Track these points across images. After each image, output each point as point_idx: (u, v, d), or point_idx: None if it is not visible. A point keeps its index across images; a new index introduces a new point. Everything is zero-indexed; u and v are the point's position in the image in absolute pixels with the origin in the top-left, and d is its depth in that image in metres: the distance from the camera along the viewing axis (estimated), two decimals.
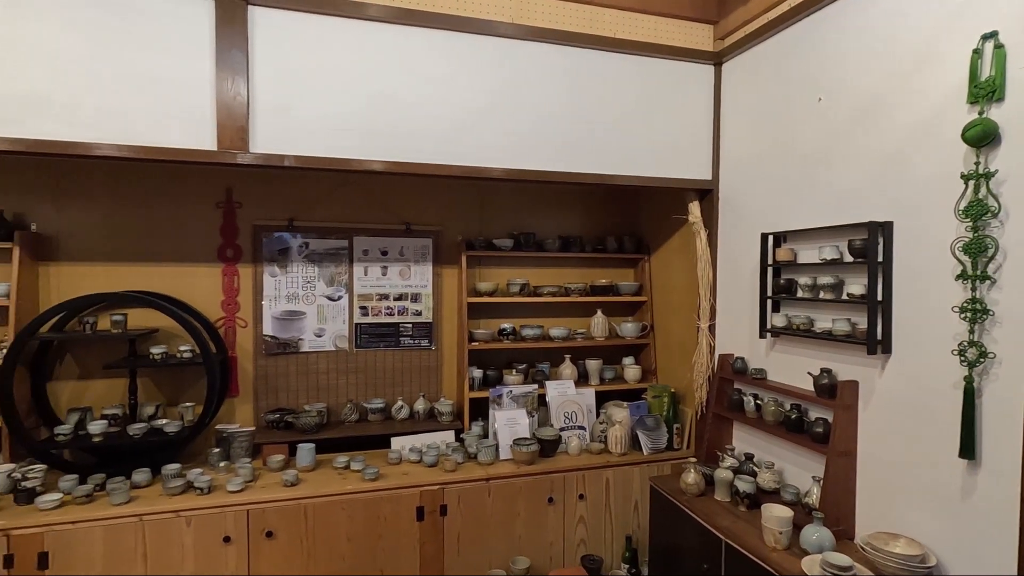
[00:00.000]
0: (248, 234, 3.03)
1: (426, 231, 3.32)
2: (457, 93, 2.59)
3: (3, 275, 2.62)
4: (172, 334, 2.89)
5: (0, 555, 2.16)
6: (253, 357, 3.05)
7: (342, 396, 3.18)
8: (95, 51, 2.17)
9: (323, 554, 2.50)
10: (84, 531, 2.24)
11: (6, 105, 2.09)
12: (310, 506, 2.49)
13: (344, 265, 3.18)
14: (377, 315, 3.23)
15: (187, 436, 2.70)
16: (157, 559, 2.31)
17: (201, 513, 2.37)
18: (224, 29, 2.25)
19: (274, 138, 2.35)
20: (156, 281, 2.89)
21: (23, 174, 2.73)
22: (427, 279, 3.32)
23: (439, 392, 3.35)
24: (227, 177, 2.99)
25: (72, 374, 2.83)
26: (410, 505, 2.62)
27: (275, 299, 3.06)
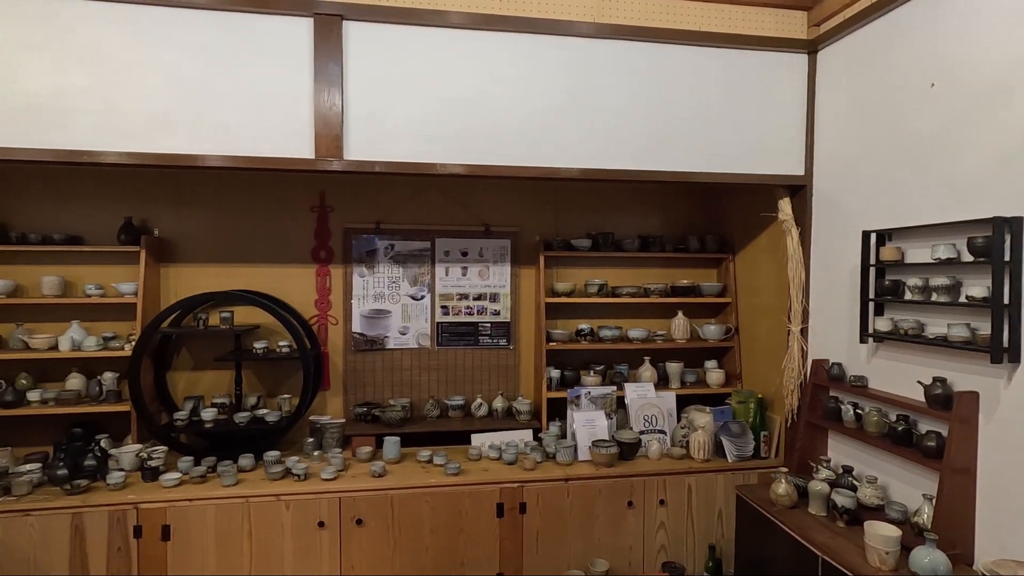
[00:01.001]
0: (339, 237, 3.21)
1: (504, 232, 3.37)
2: (535, 94, 2.62)
3: (131, 276, 2.93)
4: (272, 330, 3.11)
5: (131, 526, 2.42)
6: (343, 353, 3.22)
7: (424, 392, 3.30)
8: (210, 71, 2.38)
9: (408, 543, 2.60)
10: (199, 508, 2.47)
11: (136, 122, 2.34)
12: (396, 497, 2.60)
13: (426, 266, 3.29)
14: (457, 314, 3.32)
15: (285, 426, 2.90)
16: (261, 537, 2.50)
17: (298, 498, 2.54)
18: (322, 44, 2.40)
19: (365, 145, 2.47)
20: (258, 281, 3.12)
21: (148, 184, 3.04)
22: (505, 279, 3.37)
23: (516, 391, 3.38)
24: (321, 183, 3.18)
25: (187, 365, 3.11)
26: (490, 501, 2.67)
27: (363, 298, 3.22)
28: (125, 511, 2.41)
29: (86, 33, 2.29)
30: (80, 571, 2.38)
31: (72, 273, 2.94)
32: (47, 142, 2.28)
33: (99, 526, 2.39)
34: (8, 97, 2.24)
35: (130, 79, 2.33)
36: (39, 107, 2.27)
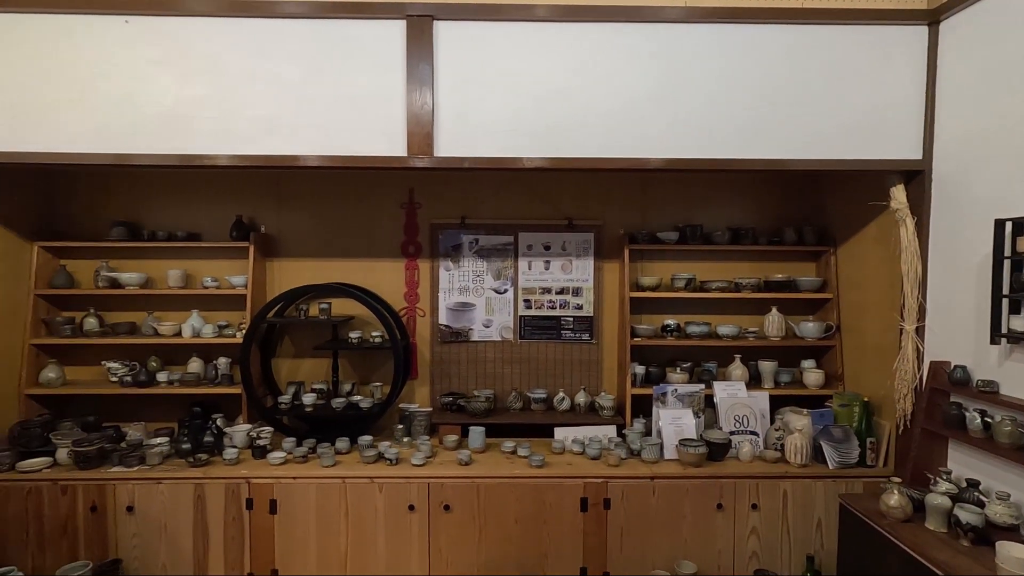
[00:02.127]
0: (427, 232, 3.31)
1: (588, 225, 3.33)
2: (620, 84, 2.57)
3: (241, 269, 3.18)
4: (365, 321, 3.27)
5: (244, 498, 2.64)
6: (430, 344, 3.33)
7: (507, 384, 3.34)
8: (309, 76, 2.53)
9: (493, 532, 2.65)
10: (302, 486, 2.65)
11: (245, 127, 2.53)
12: (482, 485, 2.66)
13: (510, 260, 3.32)
14: (540, 308, 3.33)
15: (377, 412, 3.05)
16: (356, 516, 2.65)
17: (390, 481, 2.66)
18: (414, 45, 2.48)
19: (453, 142, 2.53)
20: (352, 274, 3.29)
21: (255, 185, 3.28)
22: (588, 273, 3.33)
23: (599, 386, 3.35)
24: (410, 180, 3.29)
25: (289, 352, 3.34)
26: (574, 495, 2.67)
27: (449, 291, 3.31)
28: (238, 484, 2.64)
29: (204, 48, 2.51)
30: (202, 535, 2.64)
31: (192, 267, 3.24)
32: (172, 148, 2.52)
33: (217, 496, 2.63)
34: (141, 109, 2.50)
35: (241, 88, 2.52)
36: (165, 117, 2.51)
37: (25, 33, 2.47)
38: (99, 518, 2.63)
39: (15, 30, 2.47)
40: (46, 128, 2.49)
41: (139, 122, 2.50)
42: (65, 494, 2.62)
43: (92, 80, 2.49)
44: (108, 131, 2.50)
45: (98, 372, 3.21)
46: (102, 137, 2.50)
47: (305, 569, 2.65)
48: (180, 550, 2.64)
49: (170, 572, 2.64)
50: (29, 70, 2.48)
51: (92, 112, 2.49)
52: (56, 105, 2.49)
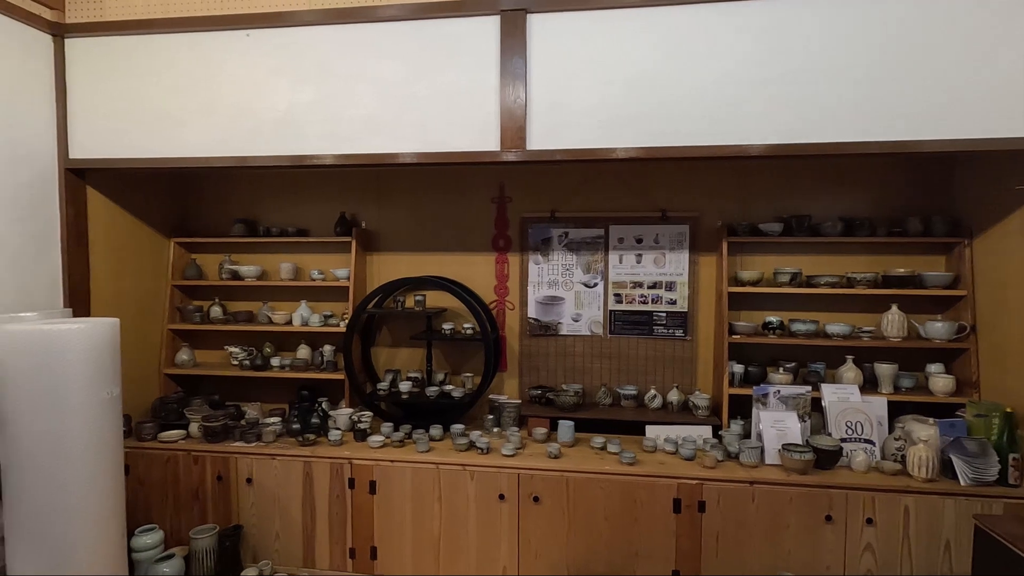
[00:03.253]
0: (516, 226, 3.34)
1: (682, 217, 3.21)
2: (715, 68, 2.44)
3: (344, 263, 3.38)
4: (457, 313, 3.36)
5: (346, 477, 2.81)
6: (519, 337, 3.36)
7: (596, 379, 3.30)
8: (408, 77, 2.63)
9: (582, 526, 2.64)
10: (399, 469, 2.78)
11: (350, 127, 2.67)
12: (571, 479, 2.65)
13: (600, 253, 3.27)
14: (631, 303, 3.26)
15: (468, 402, 3.12)
16: (448, 501, 2.73)
17: (481, 470, 2.72)
18: (507, 40, 2.50)
19: (546, 134, 2.53)
20: (444, 268, 3.40)
21: (357, 183, 3.47)
22: (683, 267, 3.21)
23: (693, 384, 3.22)
24: (500, 175, 3.33)
25: (387, 342, 3.51)
26: (666, 495, 2.59)
27: (538, 285, 3.32)
28: (342, 464, 2.81)
29: (314, 54, 2.68)
30: (310, 509, 2.84)
31: (301, 260, 3.49)
32: (285, 150, 2.72)
33: (323, 474, 2.83)
34: (259, 114, 2.72)
35: (346, 90, 2.67)
36: (280, 121, 2.71)
37: (163, 52, 2.77)
38: (224, 487, 2.91)
39: (154, 50, 2.77)
40: (180, 136, 2.78)
41: (257, 127, 2.72)
42: (196, 464, 2.93)
43: (218, 90, 2.74)
44: (231, 136, 2.74)
45: (221, 356, 3.55)
46: (226, 142, 2.75)
47: (401, 548, 2.78)
48: (291, 521, 2.86)
49: (283, 540, 2.88)
50: (165, 85, 2.77)
51: (218, 120, 2.74)
52: (188, 115, 2.77)
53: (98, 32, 2.79)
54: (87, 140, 2.84)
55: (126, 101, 2.80)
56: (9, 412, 1.95)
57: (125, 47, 2.79)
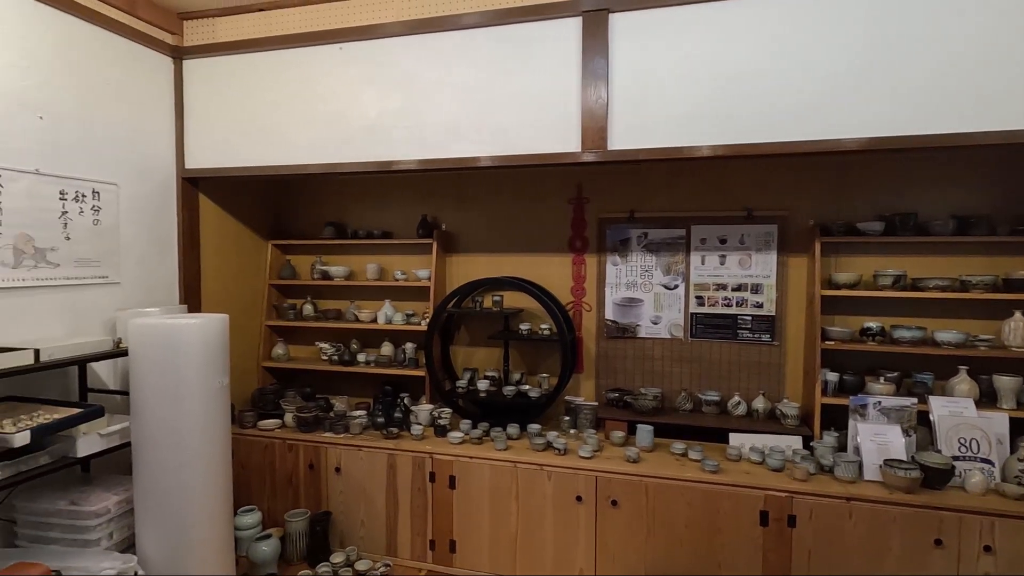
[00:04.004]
0: (594, 226, 3.32)
1: (770, 217, 3.06)
2: (812, 58, 2.31)
3: (425, 264, 3.50)
4: (534, 314, 3.39)
5: (427, 471, 2.90)
6: (596, 339, 3.34)
7: (675, 384, 3.22)
8: (490, 80, 2.68)
9: (662, 533, 2.58)
10: (477, 465, 2.84)
11: (434, 133, 2.76)
12: (651, 485, 2.60)
13: (681, 254, 3.19)
14: (714, 305, 3.15)
15: (544, 403, 3.14)
16: (525, 500, 2.76)
17: (559, 470, 2.72)
18: (589, 40, 2.50)
19: (627, 134, 2.50)
20: (521, 269, 3.43)
21: (438, 187, 3.58)
22: (770, 269, 3.06)
23: (781, 392, 3.06)
24: (578, 175, 3.33)
25: (465, 341, 3.60)
26: (752, 507, 2.48)
27: (616, 286, 3.28)
28: (423, 458, 2.91)
29: (401, 63, 2.79)
30: (393, 499, 2.96)
31: (386, 261, 3.65)
32: (374, 155, 2.85)
33: (406, 467, 2.94)
34: (352, 122, 2.87)
35: (430, 96, 2.76)
36: (369, 128, 2.85)
37: (266, 69, 2.99)
38: (315, 474, 3.09)
39: (259, 67, 2.99)
40: (280, 145, 2.99)
41: (349, 135, 2.88)
42: (290, 451, 3.14)
43: (315, 101, 2.92)
44: (326, 144, 2.91)
45: (312, 351, 3.77)
46: (321, 150, 2.93)
47: (479, 543, 2.84)
48: (375, 510, 3.00)
49: (367, 527, 3.02)
50: (268, 99, 2.99)
51: (314, 129, 2.93)
52: (288, 126, 2.97)
53: (211, 53, 3.06)
54: (200, 152, 3.12)
55: (234, 115, 3.05)
56: (138, 398, 2.18)
57: (233, 66, 3.04)
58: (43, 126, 2.43)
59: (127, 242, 2.82)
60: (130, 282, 2.84)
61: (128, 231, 2.83)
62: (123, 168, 2.80)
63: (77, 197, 2.56)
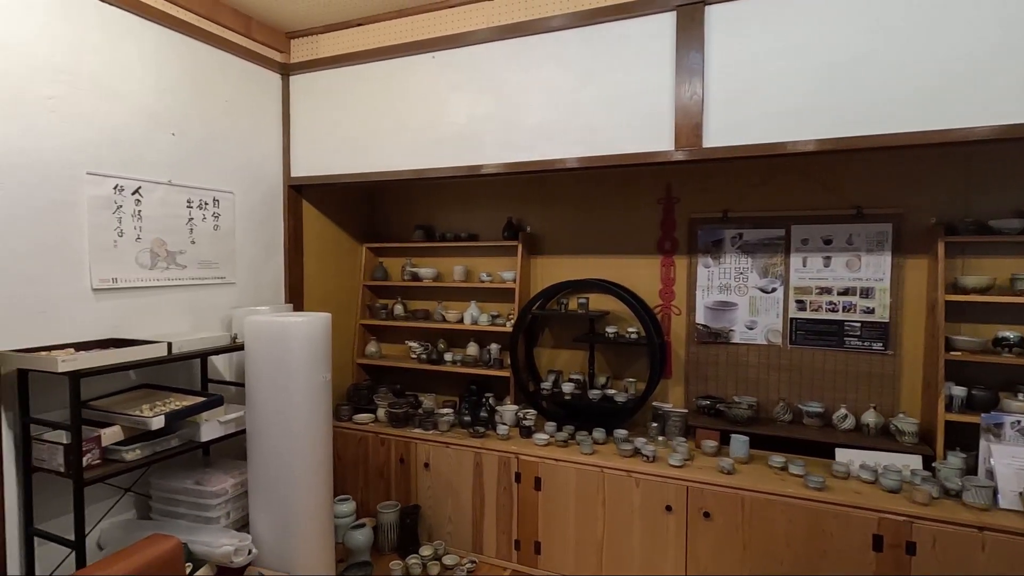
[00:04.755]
0: (684, 227, 3.21)
1: (883, 215, 2.82)
2: (938, 40, 2.10)
3: (510, 265, 3.53)
4: (620, 317, 3.33)
5: (513, 471, 2.93)
6: (685, 343, 3.22)
7: (772, 393, 3.04)
8: (579, 82, 2.66)
9: (759, 550, 2.44)
10: (563, 468, 2.82)
11: (523, 136, 2.78)
12: (747, 498, 2.47)
13: (779, 256, 3.01)
14: (816, 310, 2.94)
15: (631, 408, 3.07)
16: (612, 506, 2.71)
17: (647, 478, 2.65)
18: (683, 35, 2.42)
19: (724, 130, 2.40)
20: (606, 271, 3.38)
21: (522, 189, 3.61)
22: (883, 271, 2.82)
23: (895, 406, 2.81)
24: (667, 175, 3.23)
25: (549, 343, 3.60)
26: (863, 530, 2.29)
27: (707, 289, 3.15)
28: (509, 459, 2.94)
29: (491, 69, 2.84)
30: (479, 497, 3.01)
31: (472, 263, 3.73)
32: (464, 160, 2.92)
33: (492, 466, 2.98)
34: (441, 128, 2.96)
35: (519, 100, 2.79)
36: (460, 134, 2.92)
37: (363, 80, 3.14)
38: (405, 468, 3.21)
39: (357, 79, 3.16)
40: (376, 153, 3.13)
41: (440, 141, 2.96)
42: (382, 445, 3.27)
43: (406, 109, 3.04)
44: (418, 150, 3.02)
45: (402, 349, 3.92)
46: (413, 156, 3.04)
47: (564, 547, 2.82)
48: (462, 507, 3.06)
49: (454, 523, 3.09)
50: (365, 108, 3.14)
51: (407, 136, 3.04)
52: (383, 134, 3.10)
53: (314, 68, 3.26)
54: (304, 161, 3.33)
55: (334, 125, 3.23)
56: (253, 389, 2.36)
57: (334, 79, 3.22)
58: (174, 142, 2.70)
59: (240, 245, 3.07)
60: (243, 282, 3.09)
61: (241, 235, 3.08)
62: (238, 177, 3.05)
63: (201, 204, 2.81)
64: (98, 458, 2.09)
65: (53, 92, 2.23)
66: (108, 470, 2.09)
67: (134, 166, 2.53)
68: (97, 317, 2.39)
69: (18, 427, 2.12)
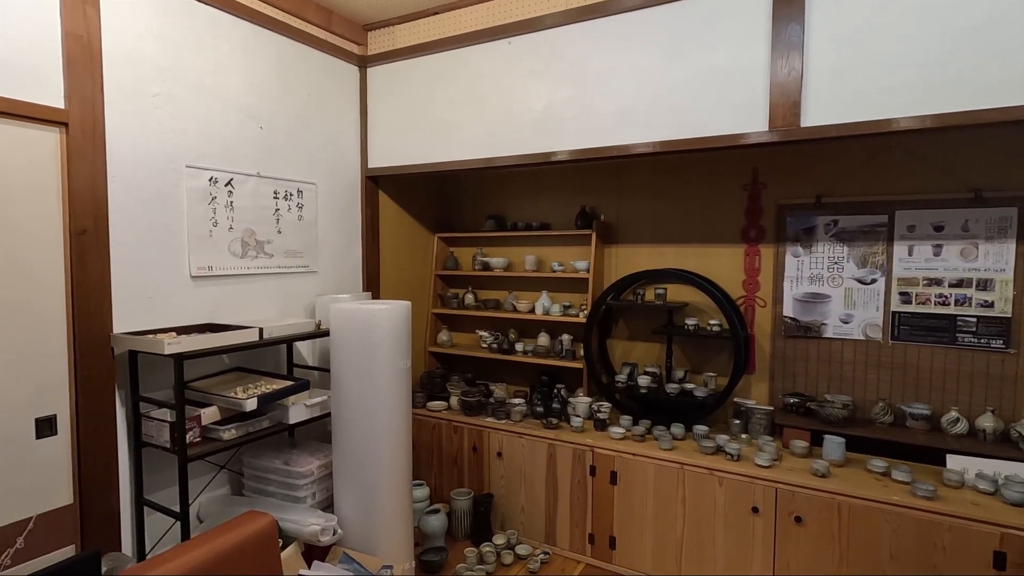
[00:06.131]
0: (771, 214, 3.02)
1: (1006, 198, 2.53)
2: None
3: (583, 255, 3.46)
4: (699, 309, 3.19)
5: (588, 465, 2.87)
6: (771, 337, 3.04)
7: (870, 392, 2.82)
8: (665, 63, 2.54)
9: (859, 561, 2.28)
10: (640, 463, 2.74)
11: (605, 120, 2.69)
12: (845, 504, 2.30)
13: (880, 244, 2.77)
14: (924, 303, 2.69)
15: (712, 403, 2.94)
16: (693, 505, 2.61)
17: (731, 477, 2.53)
18: (781, 5, 2.25)
19: (826, 108, 2.22)
20: (686, 260, 3.24)
21: (598, 176, 3.51)
22: (1005, 261, 2.54)
23: (1018, 410, 2.53)
24: (754, 159, 3.05)
25: (623, 335, 3.50)
26: (983, 546, 2.08)
27: (797, 280, 2.96)
28: (583, 451, 2.89)
29: (570, 53, 2.76)
30: (553, 488, 2.99)
31: (543, 253, 3.68)
32: (540, 147, 2.86)
33: (566, 457, 2.94)
34: (519, 115, 2.91)
35: (601, 83, 2.70)
36: (537, 121, 2.87)
37: (440, 69, 3.15)
38: (478, 457, 3.23)
39: (434, 69, 3.16)
40: (452, 142, 3.13)
41: (518, 128, 2.92)
42: (456, 433, 3.30)
43: (484, 97, 3.01)
44: (495, 138, 2.99)
45: (472, 339, 3.94)
46: (487, 145, 3.01)
47: (641, 543, 2.75)
48: (535, 498, 3.04)
49: (527, 514, 3.08)
50: (441, 97, 3.15)
51: (484, 124, 3.02)
52: (459, 123, 3.10)
53: (391, 59, 3.30)
54: (380, 152, 3.39)
55: (410, 116, 3.26)
56: (338, 373, 2.43)
57: (410, 69, 3.25)
58: (262, 135, 2.80)
59: (323, 235, 3.16)
60: (324, 271, 3.19)
61: (323, 225, 3.17)
62: (319, 169, 3.14)
63: (286, 196, 2.92)
64: (198, 436, 2.22)
65: (159, 90, 2.36)
66: (207, 448, 2.21)
67: (227, 159, 2.64)
68: (195, 303, 2.53)
69: (129, 405, 2.28)
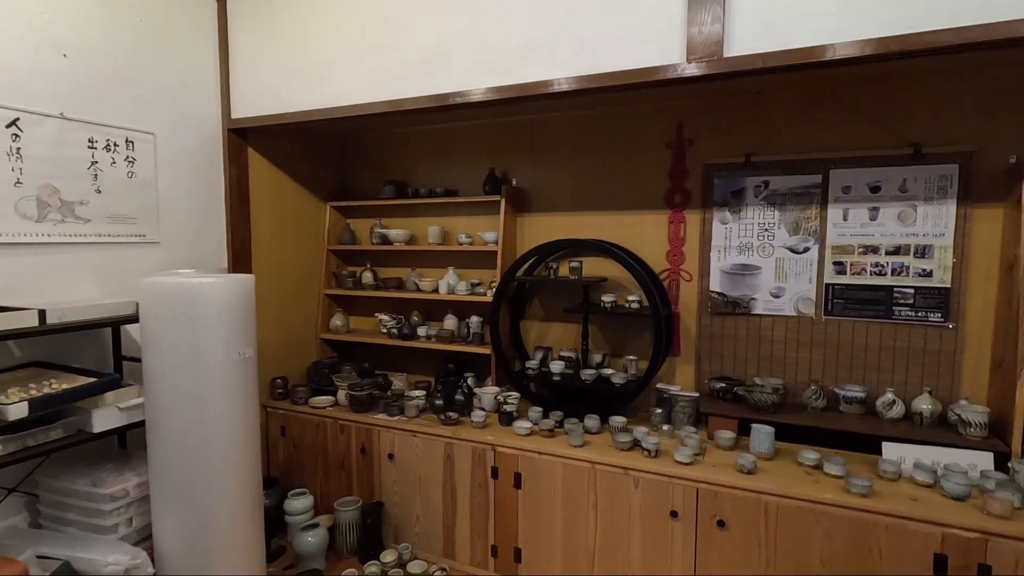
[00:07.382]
0: (698, 176, 2.67)
1: (948, 154, 2.26)
2: None
3: (492, 225, 3.03)
4: (619, 284, 2.82)
5: (489, 466, 2.46)
6: (697, 315, 2.71)
7: (802, 374, 2.53)
8: None
9: (788, 568, 1.97)
10: (547, 463, 2.35)
11: (502, 56, 2.24)
12: (773, 505, 1.98)
13: (814, 207, 2.47)
14: (859, 274, 2.41)
15: (632, 391, 2.59)
16: (606, 510, 2.25)
17: (648, 476, 2.18)
18: None
19: (752, 37, 1.84)
20: (605, 230, 2.86)
21: (509, 136, 3.07)
22: (945, 225, 2.28)
23: (956, 390, 2.29)
24: (679, 113, 2.67)
25: (538, 315, 3.10)
26: (923, 547, 1.80)
27: (724, 250, 2.63)
28: (484, 450, 2.48)
29: None
30: (451, 495, 2.57)
31: (450, 224, 3.21)
32: (429, 88, 2.39)
33: (465, 458, 2.52)
34: (403, 51, 2.43)
35: (498, 14, 2.24)
36: (424, 57, 2.39)
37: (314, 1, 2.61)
38: (368, 460, 2.76)
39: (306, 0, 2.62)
40: (328, 85, 2.60)
41: (402, 66, 2.43)
42: (342, 433, 2.82)
43: (364, 31, 2.50)
44: (376, 80, 2.49)
45: (373, 323, 3.45)
46: (370, 87, 2.51)
47: (550, 555, 2.37)
48: (432, 505, 2.62)
49: (423, 524, 2.65)
50: (315, 34, 2.60)
51: (364, 63, 2.51)
52: (335, 62, 2.58)
53: None
54: (246, 100, 2.82)
55: (280, 55, 2.71)
56: (151, 368, 1.90)
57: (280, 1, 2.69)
58: (68, 66, 2.19)
59: (167, 199, 2.59)
60: (172, 243, 2.62)
61: (168, 187, 2.59)
62: (161, 116, 2.55)
63: (108, 146, 2.32)
64: None
65: None
66: None
67: (11, 93, 2.03)
68: None
69: None
